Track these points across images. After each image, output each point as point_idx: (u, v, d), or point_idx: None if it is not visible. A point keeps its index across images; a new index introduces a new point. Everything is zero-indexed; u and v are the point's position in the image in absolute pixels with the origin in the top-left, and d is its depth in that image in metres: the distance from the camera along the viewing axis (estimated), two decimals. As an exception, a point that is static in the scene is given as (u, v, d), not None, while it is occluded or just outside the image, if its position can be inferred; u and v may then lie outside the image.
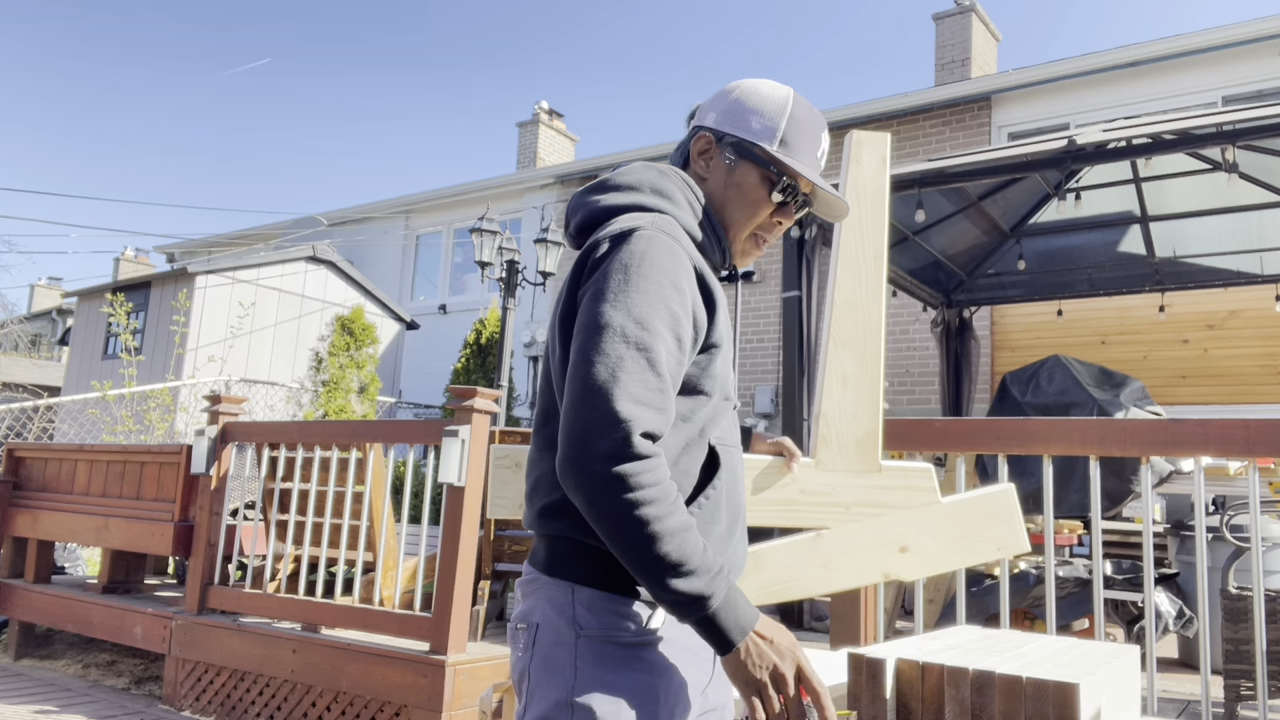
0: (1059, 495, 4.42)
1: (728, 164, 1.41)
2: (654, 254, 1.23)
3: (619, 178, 1.39)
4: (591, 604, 1.23)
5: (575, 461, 1.13)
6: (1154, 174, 6.49)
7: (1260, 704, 2.62)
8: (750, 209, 1.41)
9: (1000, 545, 1.85)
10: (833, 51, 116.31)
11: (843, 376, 1.85)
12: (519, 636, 1.29)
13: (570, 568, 1.25)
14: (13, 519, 5.63)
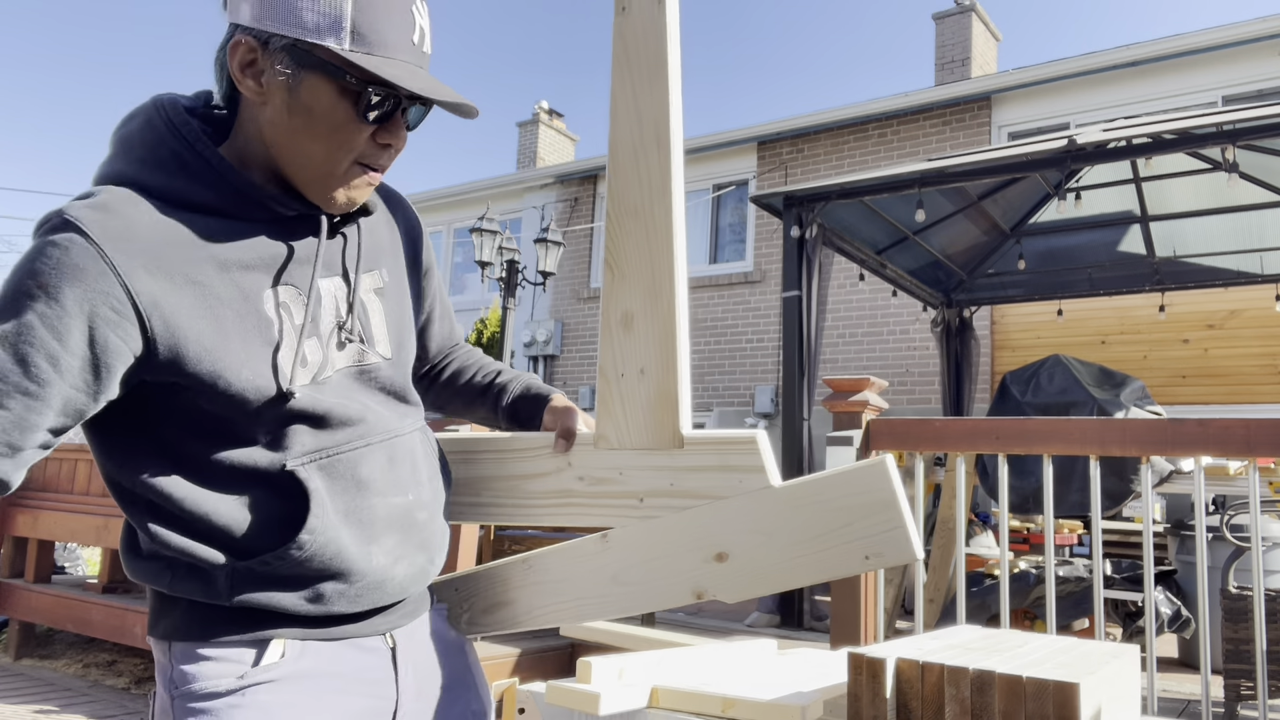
0: (1059, 495, 4.42)
1: (285, 80, 0.98)
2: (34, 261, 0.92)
3: (118, 130, 1.06)
4: (185, 657, 1.05)
5: None
6: (1154, 174, 6.49)
7: (1260, 704, 2.62)
8: (334, 137, 1.01)
9: (870, 550, 1.17)
10: (833, 51, 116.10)
11: (623, 317, 1.26)
12: (148, 709, 1.12)
13: (159, 623, 1.08)
14: (13, 519, 5.63)
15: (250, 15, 0.98)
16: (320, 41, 0.97)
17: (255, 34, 0.98)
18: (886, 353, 9.41)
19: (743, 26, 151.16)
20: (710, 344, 10.59)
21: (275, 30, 0.97)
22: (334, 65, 0.98)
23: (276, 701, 1.02)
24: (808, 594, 5.10)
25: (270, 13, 0.97)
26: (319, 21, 0.96)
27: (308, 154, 1.02)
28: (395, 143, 1.05)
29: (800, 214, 5.28)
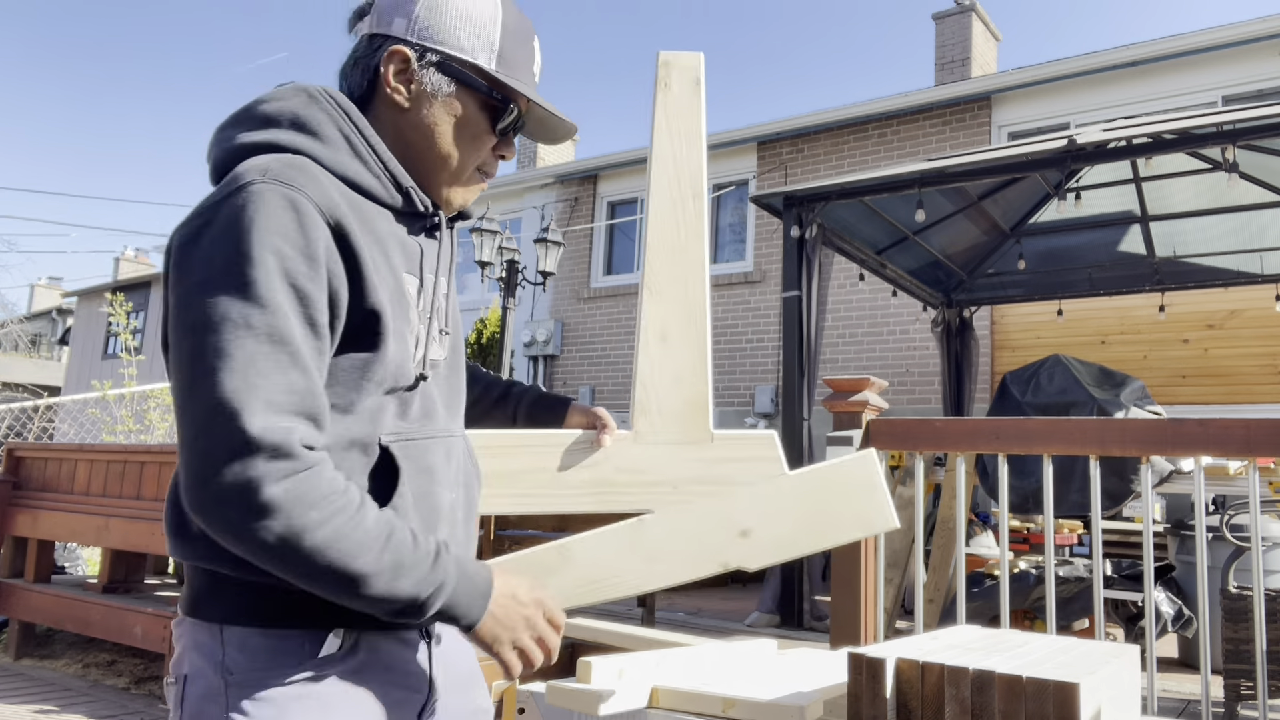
0: (1059, 495, 4.42)
1: (435, 90, 1.11)
2: (263, 217, 0.94)
3: (259, 106, 1.08)
4: (243, 644, 1.01)
5: (211, 499, 0.90)
6: (1154, 174, 6.49)
7: (1260, 704, 2.62)
8: (472, 144, 1.15)
9: (860, 522, 1.55)
10: (833, 51, 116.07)
11: (661, 332, 1.54)
12: (169, 693, 1.07)
13: (213, 605, 1.04)
14: (13, 519, 5.63)
15: (408, 30, 1.11)
16: (473, 60, 1.12)
17: (412, 46, 1.10)
18: (886, 353, 9.41)
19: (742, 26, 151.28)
20: (710, 344, 10.60)
21: (433, 45, 1.10)
22: (481, 81, 1.13)
23: (335, 693, 1.03)
24: (807, 594, 5.10)
25: (430, 30, 1.10)
26: (474, 44, 1.12)
27: (443, 156, 1.14)
28: (508, 156, 1.22)
29: (800, 214, 5.29)
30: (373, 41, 1.13)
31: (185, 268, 0.96)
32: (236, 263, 0.93)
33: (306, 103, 1.08)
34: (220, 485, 0.89)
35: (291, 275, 0.95)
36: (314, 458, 0.93)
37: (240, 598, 1.03)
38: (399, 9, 1.12)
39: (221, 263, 0.93)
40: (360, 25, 1.15)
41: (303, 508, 0.91)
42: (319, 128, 1.06)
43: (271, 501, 0.89)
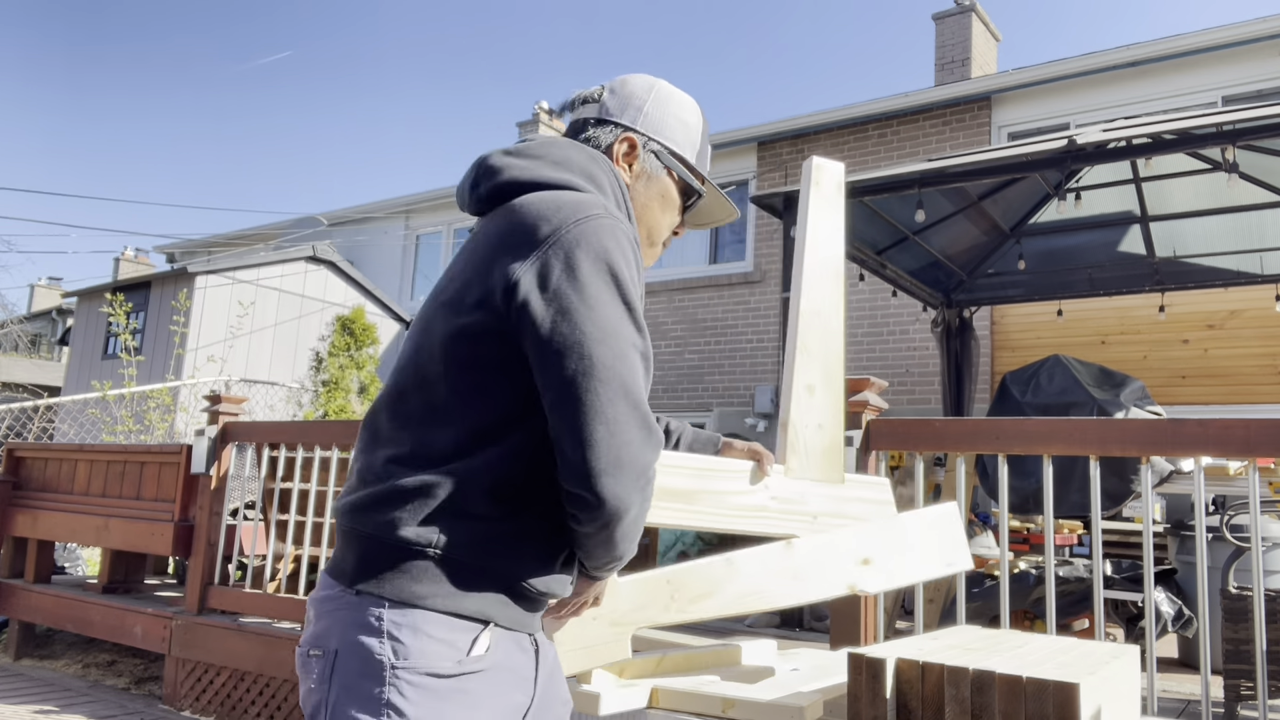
0: (1059, 495, 4.41)
1: (650, 170, 1.38)
2: (622, 243, 1.17)
3: (545, 149, 1.27)
4: (413, 627, 1.08)
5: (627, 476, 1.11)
6: (1154, 174, 6.48)
7: (1260, 704, 2.62)
8: (668, 216, 1.41)
9: (948, 562, 1.92)
10: (833, 51, 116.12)
11: (808, 385, 1.83)
12: (311, 665, 1.11)
13: (388, 580, 1.10)
14: (13, 519, 5.63)
15: (638, 122, 1.38)
16: (682, 154, 1.40)
17: (639, 134, 1.37)
18: (886, 353, 9.41)
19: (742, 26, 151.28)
20: (710, 344, 10.59)
21: (656, 138, 1.38)
22: (686, 171, 1.41)
23: (481, 691, 1.11)
24: (808, 594, 5.09)
25: (654, 125, 1.39)
26: (684, 141, 1.41)
27: (646, 223, 1.39)
28: (680, 233, 1.46)
29: (800, 214, 5.28)
30: (604, 124, 1.38)
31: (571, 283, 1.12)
32: (619, 289, 1.14)
33: (589, 159, 1.29)
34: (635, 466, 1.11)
35: (636, 287, 1.17)
36: None
37: (421, 578, 1.10)
38: (630, 104, 1.39)
39: (604, 285, 1.13)
40: (585, 109, 1.41)
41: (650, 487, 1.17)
42: (602, 183, 1.28)
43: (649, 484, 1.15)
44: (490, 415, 1.15)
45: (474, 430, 1.14)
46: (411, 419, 1.17)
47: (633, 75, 1.43)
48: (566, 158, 1.26)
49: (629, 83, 1.41)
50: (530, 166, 1.25)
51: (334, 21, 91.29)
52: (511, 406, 1.15)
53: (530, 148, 1.28)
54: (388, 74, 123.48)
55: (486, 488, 1.13)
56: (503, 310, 1.14)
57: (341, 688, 1.07)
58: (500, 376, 1.14)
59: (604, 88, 1.41)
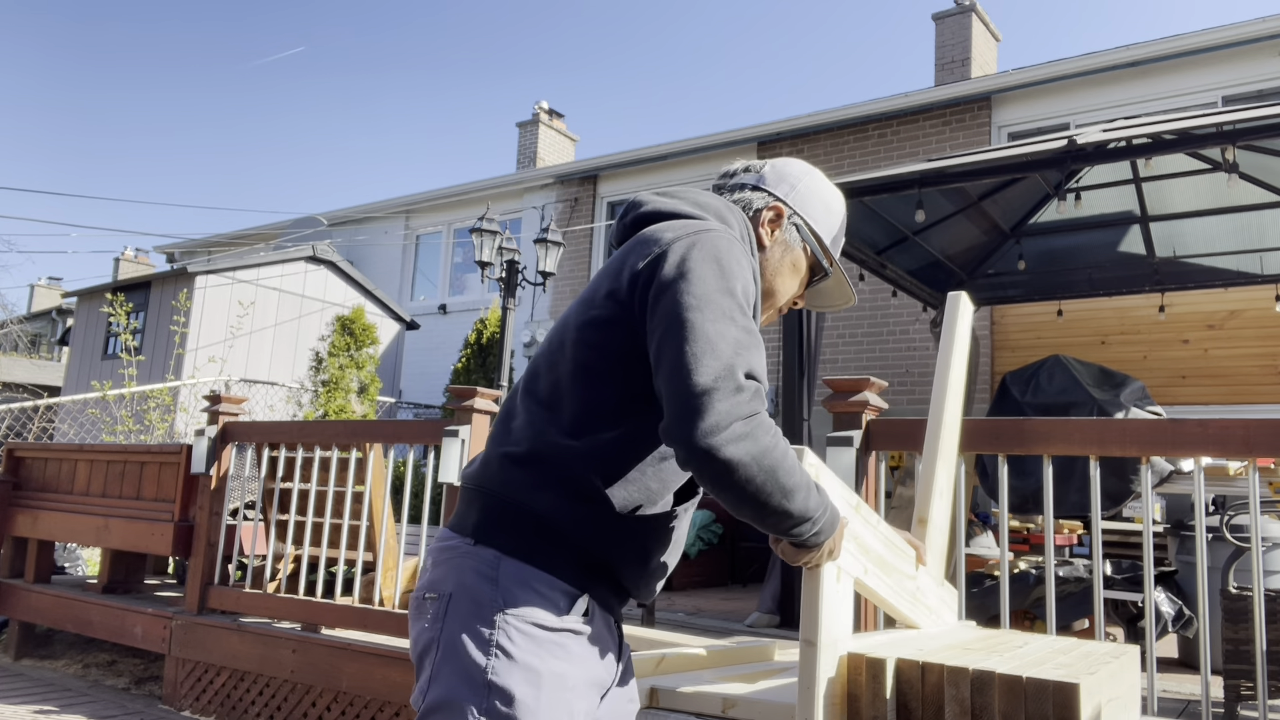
0: (1059, 495, 4.41)
1: (789, 241, 1.50)
2: (735, 251, 1.31)
3: (688, 193, 1.45)
4: (522, 580, 1.21)
5: (715, 434, 1.14)
6: (1154, 174, 6.48)
7: (1260, 704, 2.62)
8: (794, 286, 1.53)
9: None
10: (833, 51, 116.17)
11: (941, 490, 2.01)
12: (425, 607, 1.25)
13: (501, 536, 1.24)
14: (13, 519, 5.63)
15: (789, 196, 1.51)
16: (820, 234, 1.52)
17: (787, 206, 1.50)
18: (886, 353, 9.40)
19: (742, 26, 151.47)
20: (710, 344, 10.59)
21: (800, 212, 1.51)
22: (820, 249, 1.53)
23: (577, 650, 1.24)
24: (808, 594, 5.09)
25: (802, 202, 1.52)
26: (825, 224, 1.53)
27: (778, 288, 1.51)
28: (798, 304, 1.59)
29: (800, 214, 5.27)
30: (759, 191, 1.52)
31: (681, 276, 1.24)
32: (725, 279, 1.27)
33: (727, 208, 1.45)
34: (726, 417, 1.15)
35: (742, 281, 1.30)
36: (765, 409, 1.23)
37: (534, 535, 1.23)
38: (785, 180, 1.53)
39: (713, 276, 1.25)
40: (744, 176, 1.55)
41: (767, 434, 1.19)
42: (732, 226, 1.42)
43: (756, 426, 1.18)
44: (607, 400, 1.28)
45: (590, 412, 1.28)
46: (539, 397, 1.31)
47: (794, 160, 1.59)
48: (705, 202, 1.43)
49: (790, 164, 1.57)
50: (670, 203, 1.42)
51: (334, 21, 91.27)
52: (627, 395, 1.28)
53: (676, 190, 1.45)
54: (388, 73, 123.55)
55: (595, 469, 1.25)
56: (626, 299, 1.29)
57: (454, 627, 1.19)
58: (618, 365, 1.27)
59: (766, 163, 1.56)
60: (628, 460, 1.27)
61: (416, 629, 1.25)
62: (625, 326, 1.28)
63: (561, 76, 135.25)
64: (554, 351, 1.34)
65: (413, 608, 1.28)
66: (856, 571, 1.49)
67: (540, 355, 1.38)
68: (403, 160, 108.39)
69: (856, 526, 1.52)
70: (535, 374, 1.35)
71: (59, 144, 76.51)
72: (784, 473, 1.18)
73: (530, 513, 1.24)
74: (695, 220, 1.37)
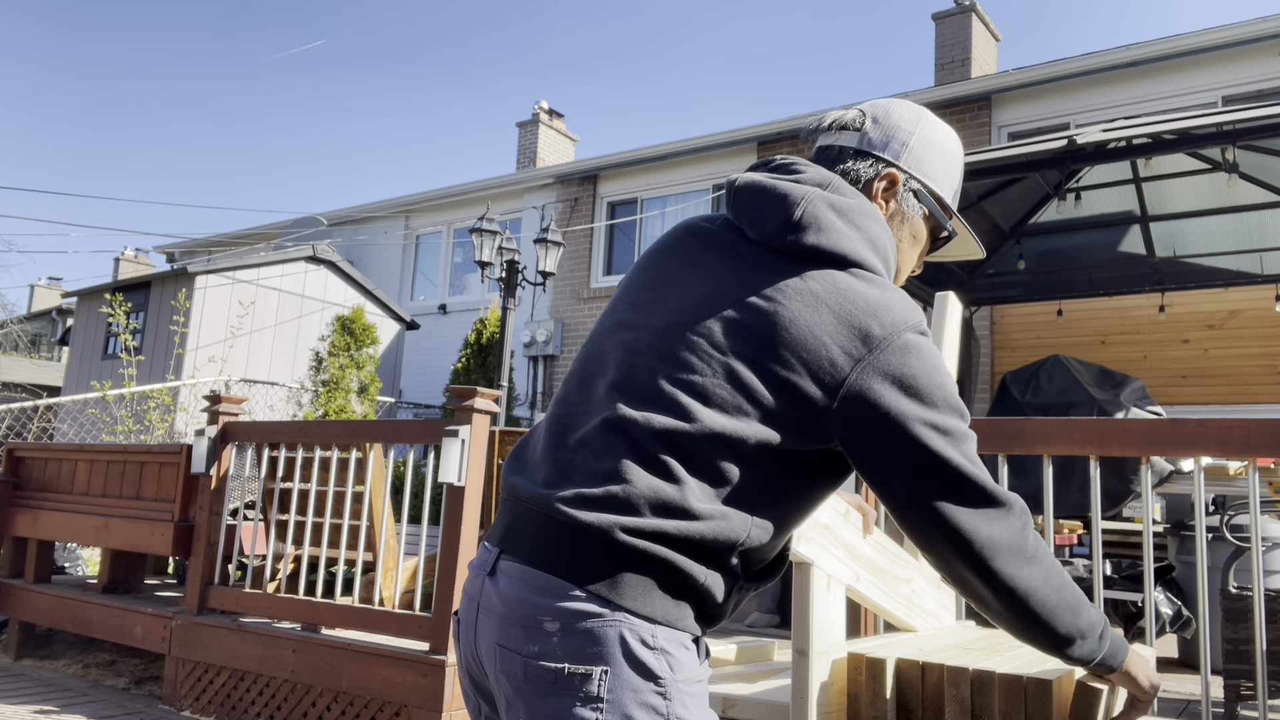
0: (1059, 495, 4.41)
1: (906, 212, 1.32)
2: (939, 366, 1.18)
3: (859, 217, 1.23)
4: (673, 644, 1.11)
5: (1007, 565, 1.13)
6: (1154, 174, 6.48)
7: (1260, 704, 2.62)
8: (916, 257, 1.37)
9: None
10: (833, 51, 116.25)
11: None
12: (572, 683, 1.06)
13: (648, 601, 1.09)
14: (13, 519, 5.63)
15: (901, 158, 1.31)
16: (940, 194, 1.34)
17: (901, 171, 1.30)
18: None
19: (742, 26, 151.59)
20: (710, 344, 10.58)
21: (919, 177, 1.32)
22: (942, 211, 1.35)
23: (711, 693, 1.29)
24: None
25: (919, 163, 1.32)
26: (946, 181, 1.35)
27: (900, 263, 1.33)
28: (918, 270, 1.40)
29: (800, 214, 5.27)
30: (864, 157, 1.31)
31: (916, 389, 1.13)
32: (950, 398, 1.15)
33: (884, 233, 1.25)
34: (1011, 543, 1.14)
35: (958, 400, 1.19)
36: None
37: (675, 598, 1.11)
38: (894, 138, 1.32)
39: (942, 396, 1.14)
40: (842, 136, 1.33)
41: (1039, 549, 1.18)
42: (889, 259, 1.26)
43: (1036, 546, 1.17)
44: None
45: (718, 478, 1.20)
46: (701, 402, 1.17)
47: (896, 102, 1.35)
48: (876, 237, 1.23)
49: (893, 112, 1.33)
50: (853, 238, 1.20)
51: (333, 21, 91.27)
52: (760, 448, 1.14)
53: (849, 207, 1.22)
54: (387, 73, 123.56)
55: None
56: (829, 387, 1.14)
57: (623, 706, 1.06)
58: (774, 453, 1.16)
59: (864, 115, 1.33)
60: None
61: (555, 705, 1.07)
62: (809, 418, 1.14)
63: (561, 76, 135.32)
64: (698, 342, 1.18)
65: (540, 680, 1.08)
66: (848, 579, 1.48)
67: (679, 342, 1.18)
68: (403, 160, 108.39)
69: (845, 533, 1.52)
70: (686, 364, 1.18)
71: (59, 143, 76.54)
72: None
73: (684, 575, 1.11)
74: (890, 296, 1.17)
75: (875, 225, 1.24)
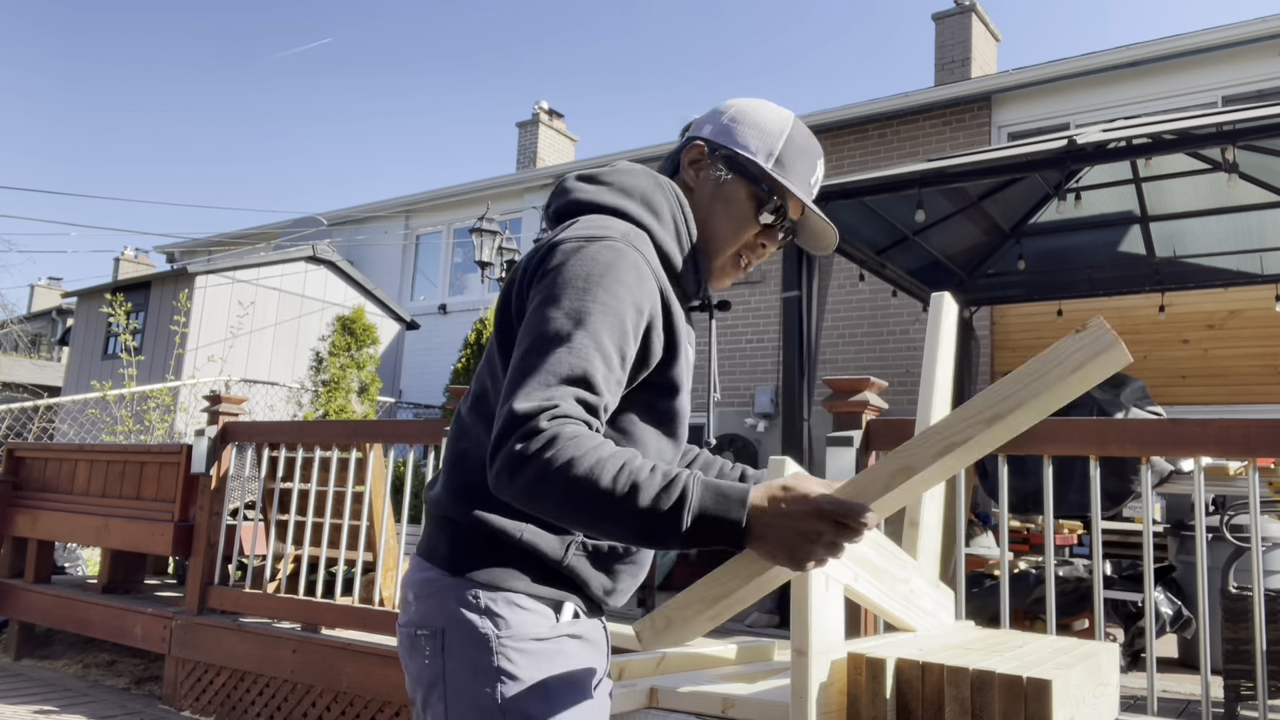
0: (1059, 495, 4.41)
1: (717, 176, 1.36)
2: (621, 269, 1.18)
3: (616, 176, 1.33)
4: (506, 602, 1.20)
5: (505, 450, 1.07)
6: (1154, 174, 6.48)
7: (1260, 704, 2.62)
8: (736, 225, 1.36)
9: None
10: (833, 51, 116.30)
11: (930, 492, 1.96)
12: (420, 643, 1.24)
13: (479, 564, 1.22)
14: (13, 519, 5.63)
15: (709, 132, 1.38)
16: (753, 157, 1.35)
17: (709, 143, 1.37)
18: (886, 353, 9.40)
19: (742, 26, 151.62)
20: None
21: (723, 144, 1.36)
22: (755, 175, 1.35)
23: (576, 653, 1.24)
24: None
25: (724, 133, 1.37)
26: (758, 146, 1.36)
27: (714, 233, 1.36)
28: (768, 246, 1.40)
29: (800, 214, 5.27)
30: (685, 139, 1.40)
31: (545, 287, 1.17)
32: (585, 298, 1.15)
33: (654, 186, 1.33)
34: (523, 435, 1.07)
35: (622, 323, 1.16)
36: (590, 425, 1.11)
37: (509, 563, 1.22)
38: (712, 120, 1.40)
39: (575, 294, 1.15)
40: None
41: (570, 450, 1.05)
42: (659, 209, 1.31)
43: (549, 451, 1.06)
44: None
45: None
46: (485, 416, 1.26)
47: (735, 99, 1.43)
48: (632, 186, 1.32)
49: (725, 103, 1.41)
50: (595, 192, 1.31)
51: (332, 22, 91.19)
52: None
53: (604, 174, 1.34)
54: (387, 73, 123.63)
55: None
56: (516, 311, 1.23)
57: (456, 661, 1.20)
58: None
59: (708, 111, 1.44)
60: None
61: (415, 665, 1.25)
62: None
63: (561, 76, 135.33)
64: (492, 363, 1.29)
65: (405, 644, 1.28)
66: (846, 578, 1.48)
67: (482, 368, 1.31)
68: (403, 160, 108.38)
69: None
70: (483, 392, 1.29)
71: (59, 143, 76.53)
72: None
73: (505, 538, 1.22)
74: (605, 220, 1.25)
75: (628, 177, 1.33)
